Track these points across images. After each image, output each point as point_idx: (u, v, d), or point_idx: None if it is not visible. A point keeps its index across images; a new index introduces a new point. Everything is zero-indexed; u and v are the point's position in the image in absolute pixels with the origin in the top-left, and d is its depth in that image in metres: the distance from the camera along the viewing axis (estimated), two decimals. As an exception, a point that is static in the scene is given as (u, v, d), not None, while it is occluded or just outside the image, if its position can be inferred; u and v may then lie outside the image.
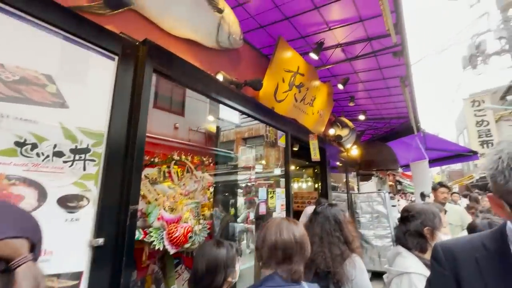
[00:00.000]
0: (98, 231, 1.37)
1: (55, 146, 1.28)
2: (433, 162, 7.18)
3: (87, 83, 1.47)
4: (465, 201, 5.95)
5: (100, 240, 1.36)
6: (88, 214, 1.36)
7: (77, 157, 1.35)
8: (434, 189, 3.41)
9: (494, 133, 10.55)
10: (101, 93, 1.52)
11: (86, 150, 1.39)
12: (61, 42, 1.40)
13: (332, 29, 3.37)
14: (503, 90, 12.37)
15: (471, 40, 9.54)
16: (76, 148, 1.35)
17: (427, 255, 1.33)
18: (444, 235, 1.37)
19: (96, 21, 1.56)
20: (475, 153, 6.93)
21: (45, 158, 1.24)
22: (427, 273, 1.19)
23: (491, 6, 9.28)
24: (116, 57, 1.61)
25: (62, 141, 1.31)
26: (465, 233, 3.29)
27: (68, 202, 1.28)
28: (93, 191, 1.39)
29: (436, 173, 25.35)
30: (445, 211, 2.72)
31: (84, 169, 1.37)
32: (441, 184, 3.41)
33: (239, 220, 4.99)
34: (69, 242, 1.28)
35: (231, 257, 1.38)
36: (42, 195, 1.21)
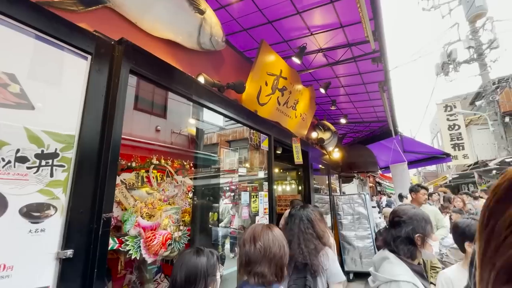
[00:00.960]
0: (67, 242, 1.27)
1: (18, 151, 1.17)
2: (411, 164, 7.51)
3: (56, 83, 1.37)
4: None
5: (69, 252, 1.26)
6: (55, 224, 1.26)
7: (43, 162, 1.25)
8: (415, 191, 3.52)
9: (465, 137, 11.19)
10: (72, 94, 1.42)
11: (54, 155, 1.29)
12: (27, 40, 1.30)
13: (314, 34, 3.43)
14: (472, 96, 13.23)
15: (443, 49, 10.12)
16: (42, 153, 1.25)
17: (416, 262, 1.32)
18: (433, 243, 1.35)
19: (67, 18, 1.47)
20: (448, 155, 7.34)
21: (5, 164, 1.13)
22: (416, 281, 1.18)
23: (461, 17, 9.91)
24: (89, 57, 1.52)
25: (26, 145, 1.21)
26: (439, 232, 3.44)
27: (32, 212, 1.18)
28: (61, 199, 1.29)
29: (413, 174, 26.56)
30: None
31: (52, 176, 1.27)
32: (421, 186, 3.53)
33: (222, 224, 4.92)
34: (33, 255, 1.17)
35: (212, 265, 1.34)
36: (2, 205, 1.10)
